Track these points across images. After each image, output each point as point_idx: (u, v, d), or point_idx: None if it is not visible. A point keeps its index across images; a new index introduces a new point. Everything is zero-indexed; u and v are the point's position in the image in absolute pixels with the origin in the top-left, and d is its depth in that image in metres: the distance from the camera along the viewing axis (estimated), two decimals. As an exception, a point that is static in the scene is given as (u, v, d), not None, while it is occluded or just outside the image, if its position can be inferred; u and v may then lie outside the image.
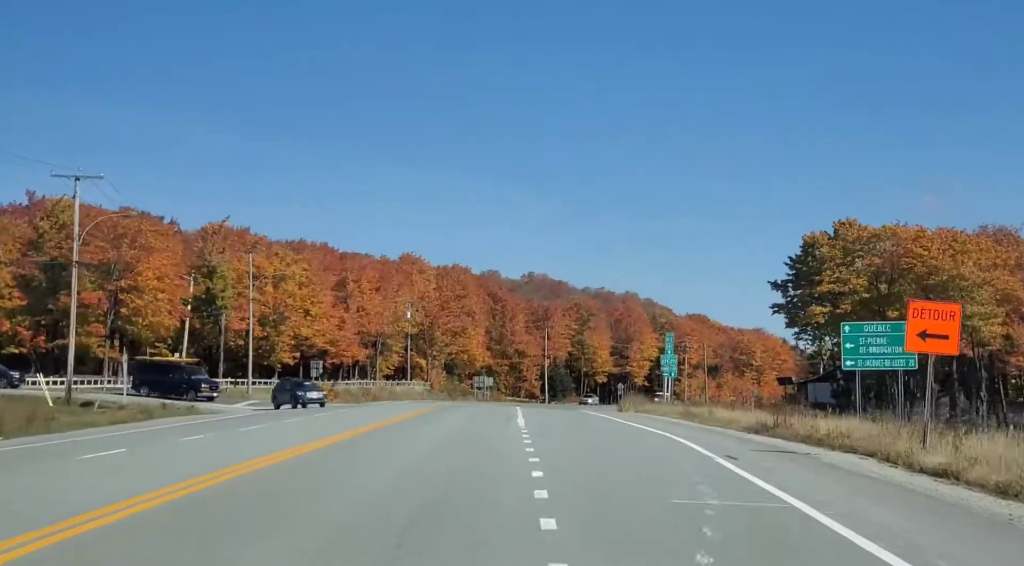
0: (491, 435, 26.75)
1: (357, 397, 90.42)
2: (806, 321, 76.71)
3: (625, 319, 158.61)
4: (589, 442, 25.57)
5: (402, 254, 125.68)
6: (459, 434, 27.69)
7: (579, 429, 32.76)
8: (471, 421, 35.72)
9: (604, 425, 37.01)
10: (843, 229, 75.01)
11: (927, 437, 19.52)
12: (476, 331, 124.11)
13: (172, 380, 60.62)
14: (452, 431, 29.42)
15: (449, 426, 32.04)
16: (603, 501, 12.65)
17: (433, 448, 22.29)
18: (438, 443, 24.10)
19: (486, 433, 27.87)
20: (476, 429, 30.63)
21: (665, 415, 45.17)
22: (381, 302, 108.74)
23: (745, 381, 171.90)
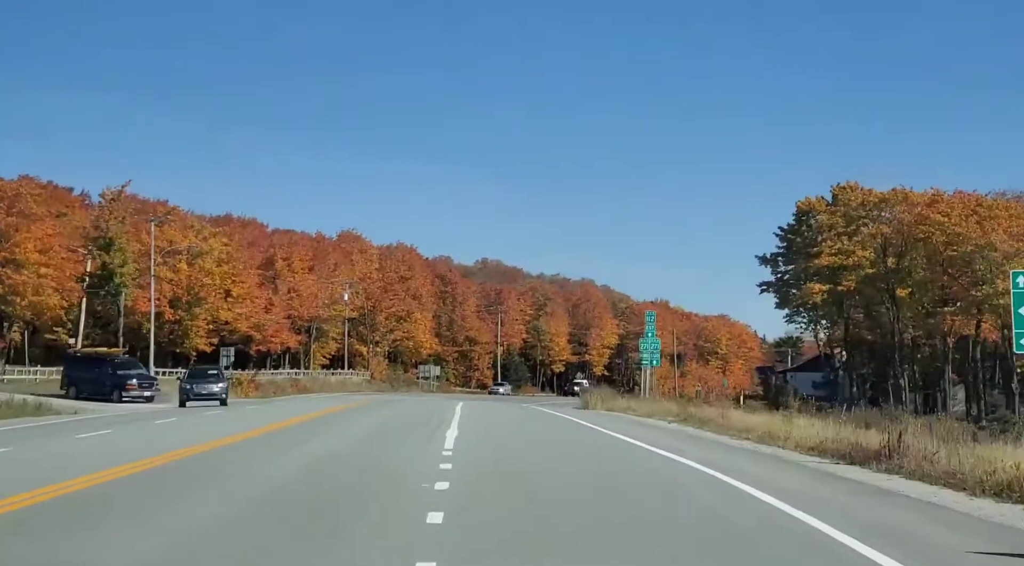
0: (373, 482, 13.81)
1: (284, 389, 79.45)
2: (801, 300, 66.66)
3: (584, 304, 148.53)
4: (576, 503, 11.95)
5: (341, 231, 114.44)
6: (314, 475, 14.85)
7: (548, 453, 20.19)
8: (378, 432, 24.21)
9: (582, 439, 25.70)
10: (843, 194, 65.13)
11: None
12: (423, 316, 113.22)
13: (96, 377, 49.02)
14: (315, 461, 16.91)
15: (328, 448, 19.76)
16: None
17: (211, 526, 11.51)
18: (226, 518, 13.27)
19: (373, 471, 15.13)
20: (363, 458, 17.48)
21: (652, 416, 34.36)
22: (315, 283, 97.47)
23: (710, 370, 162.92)
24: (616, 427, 27.12)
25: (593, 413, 40.95)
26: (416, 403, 49.99)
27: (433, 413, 33.68)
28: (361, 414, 34.07)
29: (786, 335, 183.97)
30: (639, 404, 40.14)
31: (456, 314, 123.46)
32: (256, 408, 41.62)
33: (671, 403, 42.30)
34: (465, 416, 31.72)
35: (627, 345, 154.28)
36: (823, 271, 63.53)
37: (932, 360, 65.80)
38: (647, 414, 33.38)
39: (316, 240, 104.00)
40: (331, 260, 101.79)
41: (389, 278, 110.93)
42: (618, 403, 45.71)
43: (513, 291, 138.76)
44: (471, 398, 76.81)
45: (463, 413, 34.22)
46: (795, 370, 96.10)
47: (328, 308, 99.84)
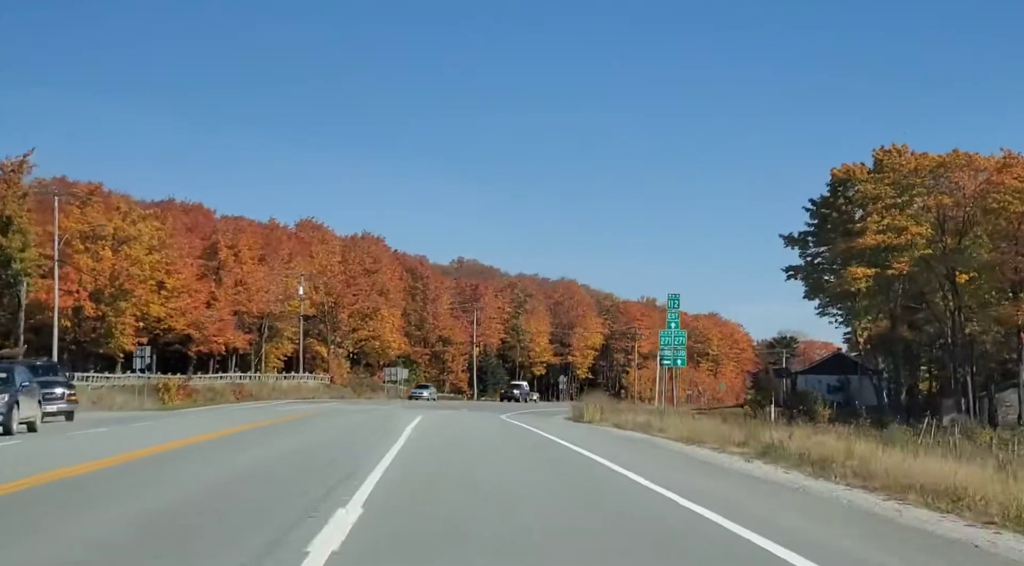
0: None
1: (223, 395, 68.51)
2: (839, 287, 55.60)
3: (566, 302, 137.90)
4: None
5: (300, 219, 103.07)
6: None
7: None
8: (217, 494, 12.02)
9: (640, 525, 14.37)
10: (889, 159, 54.44)
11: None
12: (391, 313, 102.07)
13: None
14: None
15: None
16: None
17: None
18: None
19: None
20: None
21: (699, 443, 22.30)
22: (266, 275, 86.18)
23: (701, 372, 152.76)
24: (693, 480, 15.47)
25: (600, 433, 30.15)
26: (361, 417, 39.15)
27: (355, 444, 22.57)
28: (258, 440, 23.02)
29: (779, 335, 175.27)
30: (662, 421, 29.10)
31: (428, 312, 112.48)
32: (123, 431, 30.09)
33: (707, 418, 31.55)
34: (409, 445, 20.75)
35: (613, 346, 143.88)
36: (865, 252, 52.82)
37: (985, 360, 55.58)
38: (687, 439, 22.42)
39: (269, 228, 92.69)
40: (285, 250, 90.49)
41: (353, 271, 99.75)
42: (626, 417, 34.91)
43: (490, 287, 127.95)
44: (439, 406, 65.77)
45: (410, 438, 23.22)
46: (807, 372, 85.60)
47: (282, 304, 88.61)
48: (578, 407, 47.65)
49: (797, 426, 24.99)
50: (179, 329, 75.48)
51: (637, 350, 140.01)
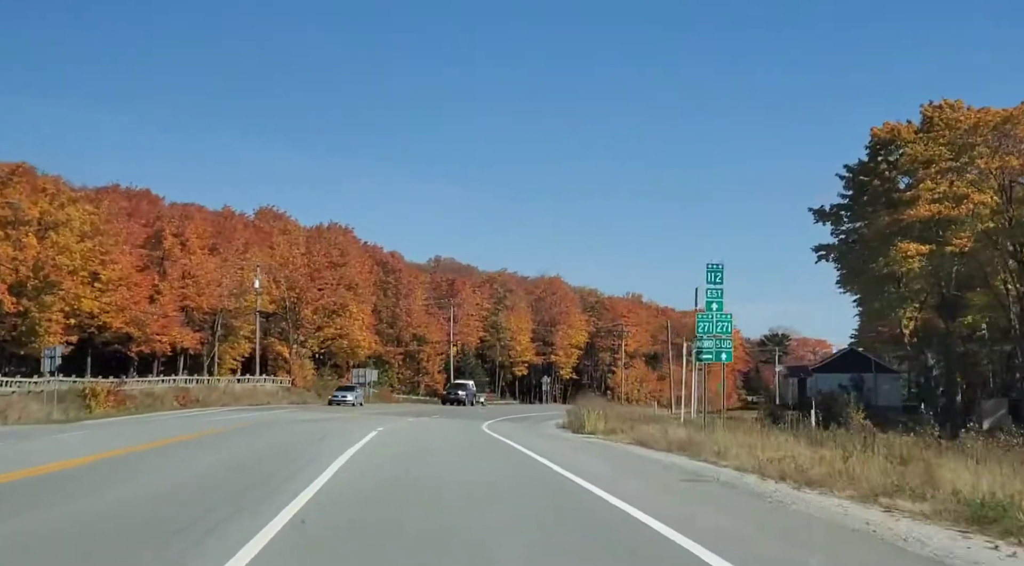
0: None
1: (165, 401, 60.16)
2: (886, 268, 46.90)
3: (548, 298, 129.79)
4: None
5: (260, 208, 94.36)
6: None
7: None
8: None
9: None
10: (942, 115, 46.33)
11: None
12: (360, 310, 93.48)
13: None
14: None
15: None
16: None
17: None
18: None
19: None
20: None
21: (809, 481, 13.98)
22: (219, 267, 77.57)
23: (690, 372, 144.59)
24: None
25: (626, 457, 21.77)
26: (299, 432, 30.90)
27: (247, 490, 14.30)
28: (108, 479, 14.73)
29: (770, 332, 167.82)
30: (710, 437, 20.70)
31: (400, 308, 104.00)
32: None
33: (742, 430, 23.38)
34: (333, 490, 12.52)
35: (598, 344, 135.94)
36: (914, 226, 44.62)
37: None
38: (787, 477, 13.89)
39: (222, 216, 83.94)
40: (240, 239, 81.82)
41: (317, 264, 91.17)
42: (647, 430, 26.56)
43: (468, 282, 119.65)
44: (408, 413, 57.45)
45: (342, 471, 14.99)
46: (818, 370, 77.78)
47: (237, 299, 79.97)
48: (575, 413, 39.50)
49: (918, 446, 16.95)
50: (116, 327, 66.82)
51: (624, 349, 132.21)
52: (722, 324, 24.96)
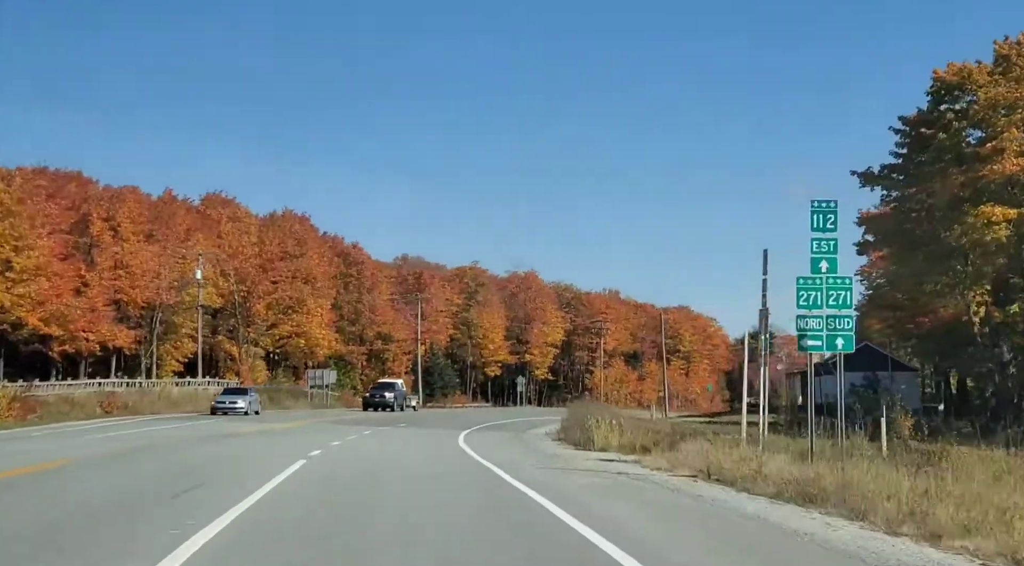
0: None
1: (87, 409, 51.53)
2: (964, 238, 38.50)
3: (522, 294, 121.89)
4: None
5: (207, 193, 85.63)
6: None
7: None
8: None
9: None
10: (1021, 51, 38.72)
11: None
12: (319, 305, 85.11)
13: None
14: None
15: None
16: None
17: None
18: None
19: None
20: None
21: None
22: (157, 257, 69.02)
23: (672, 371, 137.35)
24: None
25: (682, 497, 13.83)
26: (162, 473, 22.79)
27: None
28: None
29: (754, 330, 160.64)
30: (858, 478, 12.50)
31: (363, 303, 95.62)
32: None
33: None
34: None
35: (575, 342, 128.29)
36: (989, 187, 36.97)
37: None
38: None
39: (162, 201, 75.19)
40: (182, 225, 73.20)
41: (270, 254, 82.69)
42: (701, 452, 18.58)
43: (437, 275, 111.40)
44: (367, 421, 49.11)
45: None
46: (828, 369, 70.26)
47: (178, 292, 71.44)
48: (577, 422, 31.48)
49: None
50: (33, 323, 58.18)
51: (603, 347, 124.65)
52: (839, 293, 16.37)
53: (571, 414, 40.29)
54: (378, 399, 66.55)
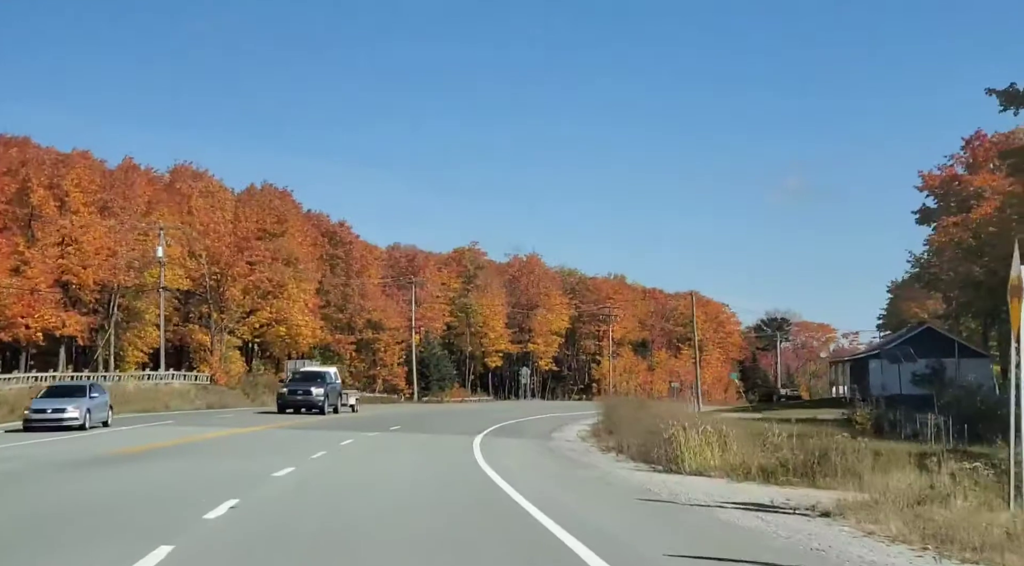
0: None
1: (13, 410, 42.82)
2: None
3: (524, 278, 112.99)
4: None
5: (176, 164, 76.44)
6: None
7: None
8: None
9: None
10: None
11: None
12: (302, 290, 76.18)
13: None
14: None
15: None
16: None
17: None
18: None
19: None
20: None
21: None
22: (113, 233, 60.13)
23: (683, 361, 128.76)
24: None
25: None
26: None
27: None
28: None
29: (768, 317, 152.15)
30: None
31: (352, 288, 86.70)
32: None
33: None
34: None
35: (580, 330, 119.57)
36: None
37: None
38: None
39: (121, 170, 66.11)
40: (142, 198, 64.23)
41: (247, 232, 73.72)
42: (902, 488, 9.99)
43: (432, 259, 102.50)
44: (354, 423, 40.00)
45: None
46: (877, 355, 61.67)
47: (139, 273, 62.59)
48: (622, 424, 22.91)
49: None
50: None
51: (611, 335, 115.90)
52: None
53: (612, 414, 31.74)
54: (300, 397, 45.68)
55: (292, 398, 45.73)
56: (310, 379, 47.70)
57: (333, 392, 47.97)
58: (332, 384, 48.18)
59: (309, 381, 47.27)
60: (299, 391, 46.01)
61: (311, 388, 46.03)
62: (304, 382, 47.35)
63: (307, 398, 45.52)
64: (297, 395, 45.77)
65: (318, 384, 46.62)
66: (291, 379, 49.79)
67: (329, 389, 46.86)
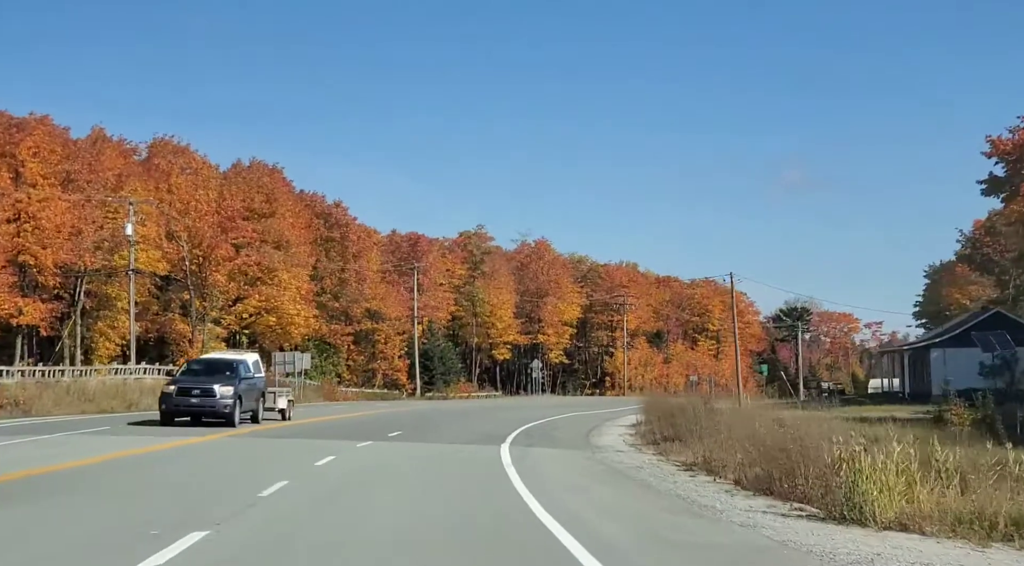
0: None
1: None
2: None
3: (534, 264, 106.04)
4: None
5: (156, 138, 69.45)
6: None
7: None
8: None
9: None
10: None
11: None
12: (293, 275, 69.33)
13: None
14: None
15: None
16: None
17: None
18: None
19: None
20: None
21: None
22: (76, 208, 53.30)
23: (700, 353, 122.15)
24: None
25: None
26: None
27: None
28: None
29: (787, 306, 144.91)
30: None
31: (349, 274, 79.78)
32: None
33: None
34: None
35: (592, 320, 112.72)
36: None
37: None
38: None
39: (91, 141, 59.19)
40: (111, 170, 57.32)
41: (231, 210, 66.80)
42: None
43: (436, 244, 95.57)
44: (346, 430, 32.87)
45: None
46: (936, 344, 54.62)
47: (107, 254, 55.80)
48: (687, 432, 16.01)
49: None
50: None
51: (626, 325, 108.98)
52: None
53: (673, 417, 24.98)
54: (195, 399, 29.60)
55: (182, 401, 29.45)
56: (213, 372, 31.07)
57: (251, 392, 31.69)
58: (249, 379, 31.69)
59: (211, 375, 30.56)
60: (194, 390, 29.40)
61: (213, 386, 29.43)
62: (203, 377, 30.55)
63: (206, 401, 29.32)
64: (191, 396, 29.33)
65: (225, 380, 30.05)
66: (183, 371, 33.15)
67: (244, 388, 30.63)
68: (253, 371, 32.88)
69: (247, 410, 31.08)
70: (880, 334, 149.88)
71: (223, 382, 29.77)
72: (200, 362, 34.64)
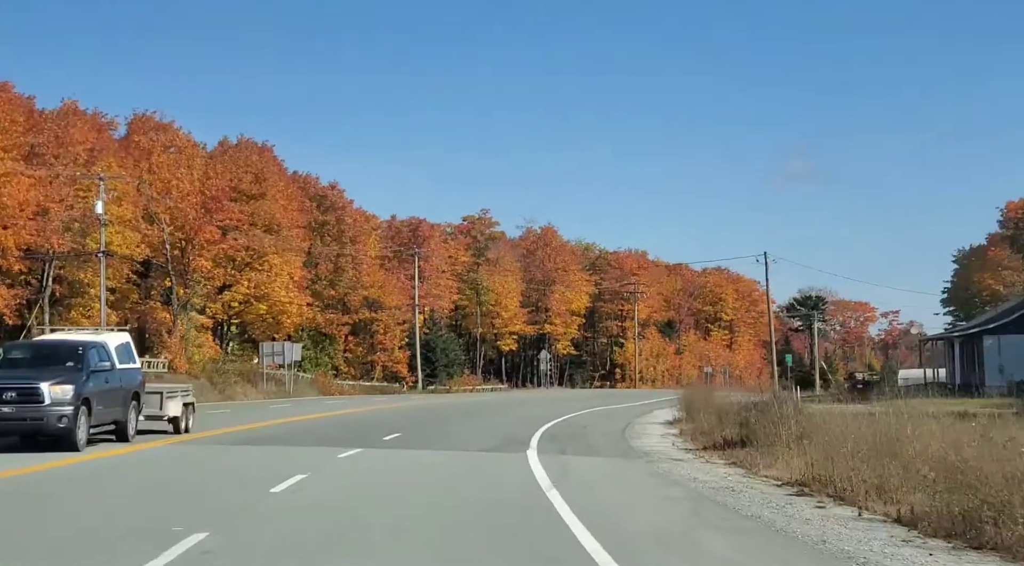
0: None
1: None
2: None
3: (540, 251, 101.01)
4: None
5: (136, 113, 64.31)
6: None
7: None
8: None
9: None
10: None
11: None
12: (285, 261, 64.34)
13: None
14: None
15: None
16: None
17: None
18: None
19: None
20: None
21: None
22: (41, 185, 48.36)
23: (713, 343, 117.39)
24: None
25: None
26: None
27: None
28: None
29: (801, 294, 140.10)
30: None
31: (346, 260, 74.79)
32: None
33: None
34: None
35: (601, 310, 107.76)
36: None
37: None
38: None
39: (61, 113, 54.08)
40: (82, 144, 52.25)
41: (217, 190, 61.76)
42: None
43: (438, 229, 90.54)
44: (335, 433, 27.76)
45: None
46: (1002, 330, 49.61)
47: (77, 236, 50.82)
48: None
49: None
50: None
51: (636, 315, 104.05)
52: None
53: (724, 415, 20.24)
54: (5, 411, 17.70)
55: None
56: (44, 362, 19.42)
57: (111, 393, 19.87)
58: (105, 373, 19.68)
59: (39, 368, 19.01)
60: (6, 393, 17.92)
61: (39, 384, 18.04)
62: (24, 370, 19.11)
63: (25, 410, 17.86)
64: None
65: (63, 374, 18.60)
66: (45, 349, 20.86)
67: (97, 387, 19.16)
68: (116, 360, 20.30)
69: (104, 422, 19.59)
70: (897, 323, 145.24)
71: (57, 378, 18.18)
72: (23, 347, 22.92)
